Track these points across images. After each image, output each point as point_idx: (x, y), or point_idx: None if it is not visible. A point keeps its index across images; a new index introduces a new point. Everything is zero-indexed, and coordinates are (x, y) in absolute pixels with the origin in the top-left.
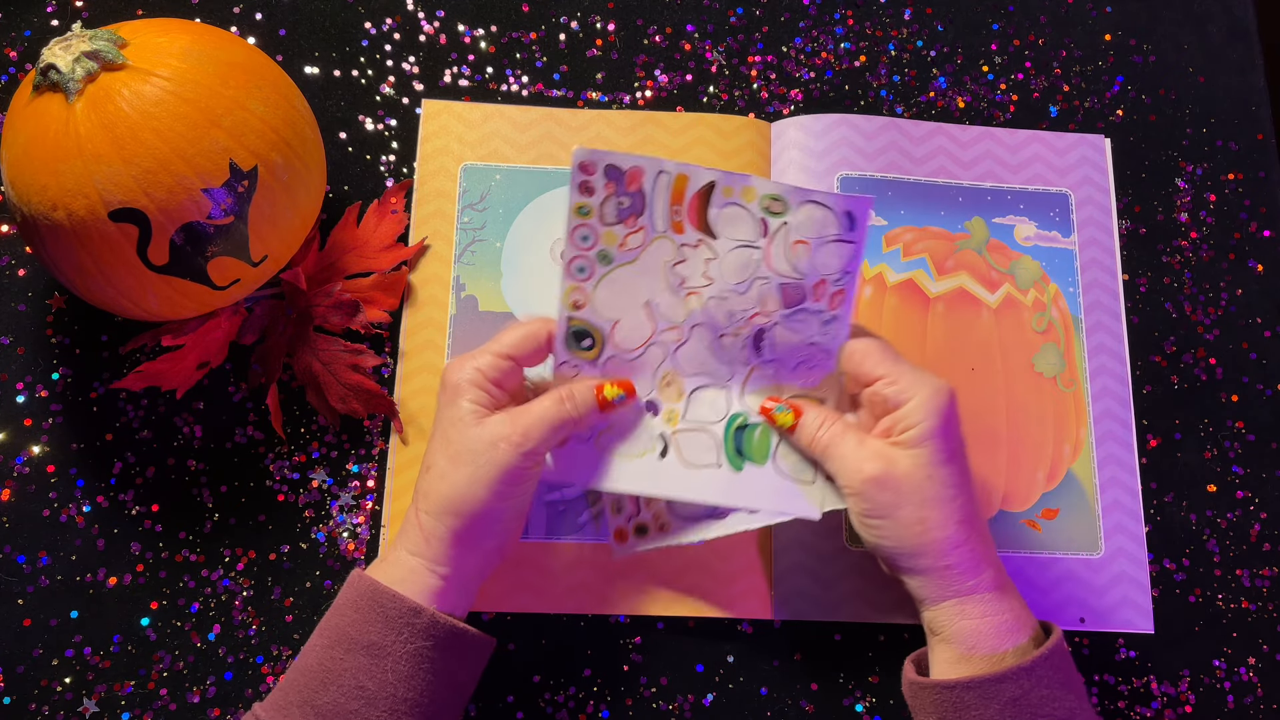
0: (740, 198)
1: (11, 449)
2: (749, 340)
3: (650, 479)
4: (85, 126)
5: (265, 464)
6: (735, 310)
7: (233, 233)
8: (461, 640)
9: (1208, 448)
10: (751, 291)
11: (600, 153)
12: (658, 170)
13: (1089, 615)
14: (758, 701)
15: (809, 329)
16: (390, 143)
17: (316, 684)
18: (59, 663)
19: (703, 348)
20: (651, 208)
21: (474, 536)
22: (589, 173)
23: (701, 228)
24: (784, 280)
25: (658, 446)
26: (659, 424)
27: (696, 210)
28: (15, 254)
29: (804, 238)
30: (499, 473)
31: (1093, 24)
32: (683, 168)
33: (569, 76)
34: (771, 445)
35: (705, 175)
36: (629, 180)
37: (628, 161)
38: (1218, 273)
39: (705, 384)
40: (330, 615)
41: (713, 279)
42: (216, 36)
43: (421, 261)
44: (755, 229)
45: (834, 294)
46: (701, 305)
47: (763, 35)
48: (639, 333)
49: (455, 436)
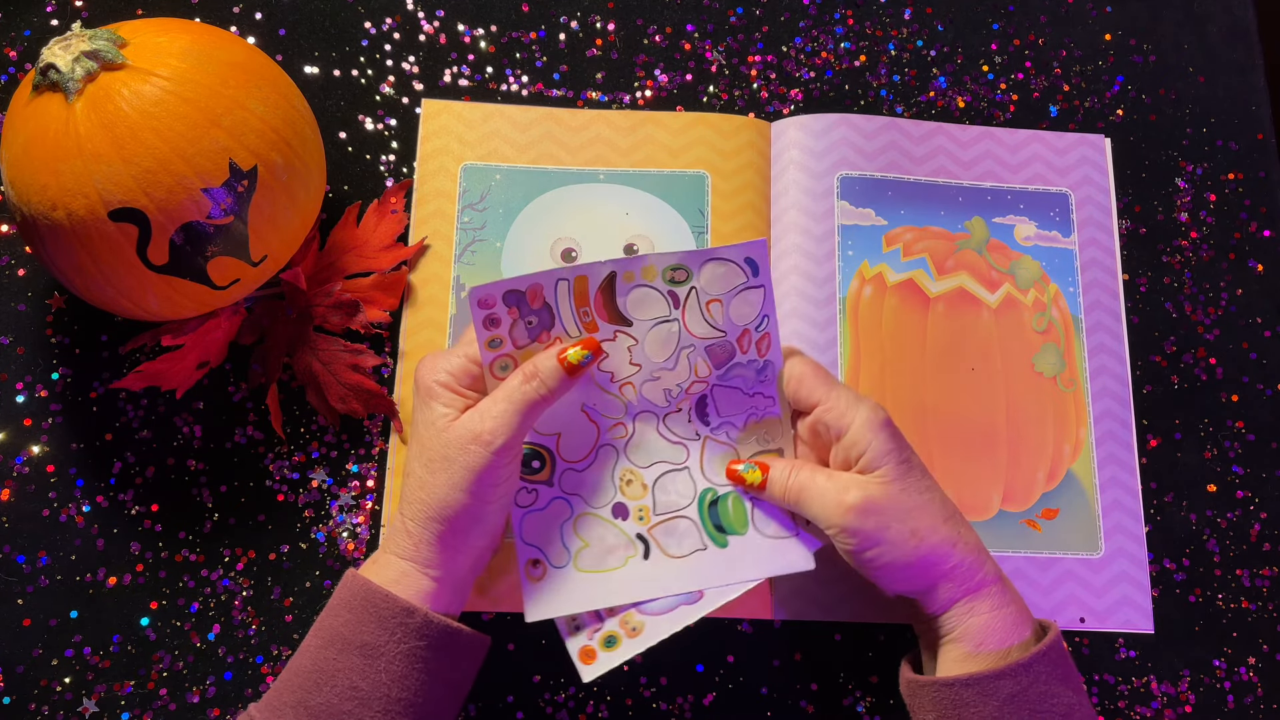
0: (643, 279)
1: (11, 449)
2: (692, 412)
3: (642, 583)
4: (85, 126)
5: (265, 464)
6: (670, 387)
7: (232, 232)
8: (455, 640)
9: (1208, 448)
10: (681, 363)
11: (494, 284)
12: (555, 280)
13: (1089, 615)
14: (758, 701)
15: (746, 381)
16: (390, 142)
17: (310, 685)
18: (59, 663)
19: (652, 435)
20: (560, 317)
21: (461, 539)
22: (489, 305)
23: (614, 320)
24: (708, 342)
25: (639, 548)
26: (632, 525)
27: (604, 305)
28: (15, 254)
29: (715, 296)
30: (474, 475)
31: (1093, 24)
32: (578, 270)
33: (569, 76)
34: (747, 511)
35: (602, 269)
36: (531, 298)
37: (524, 282)
38: (1218, 273)
39: (665, 470)
40: (324, 616)
41: (640, 364)
42: (216, 36)
43: (421, 261)
44: (666, 303)
45: (758, 340)
46: (637, 394)
47: (763, 35)
48: (584, 439)
49: (430, 441)
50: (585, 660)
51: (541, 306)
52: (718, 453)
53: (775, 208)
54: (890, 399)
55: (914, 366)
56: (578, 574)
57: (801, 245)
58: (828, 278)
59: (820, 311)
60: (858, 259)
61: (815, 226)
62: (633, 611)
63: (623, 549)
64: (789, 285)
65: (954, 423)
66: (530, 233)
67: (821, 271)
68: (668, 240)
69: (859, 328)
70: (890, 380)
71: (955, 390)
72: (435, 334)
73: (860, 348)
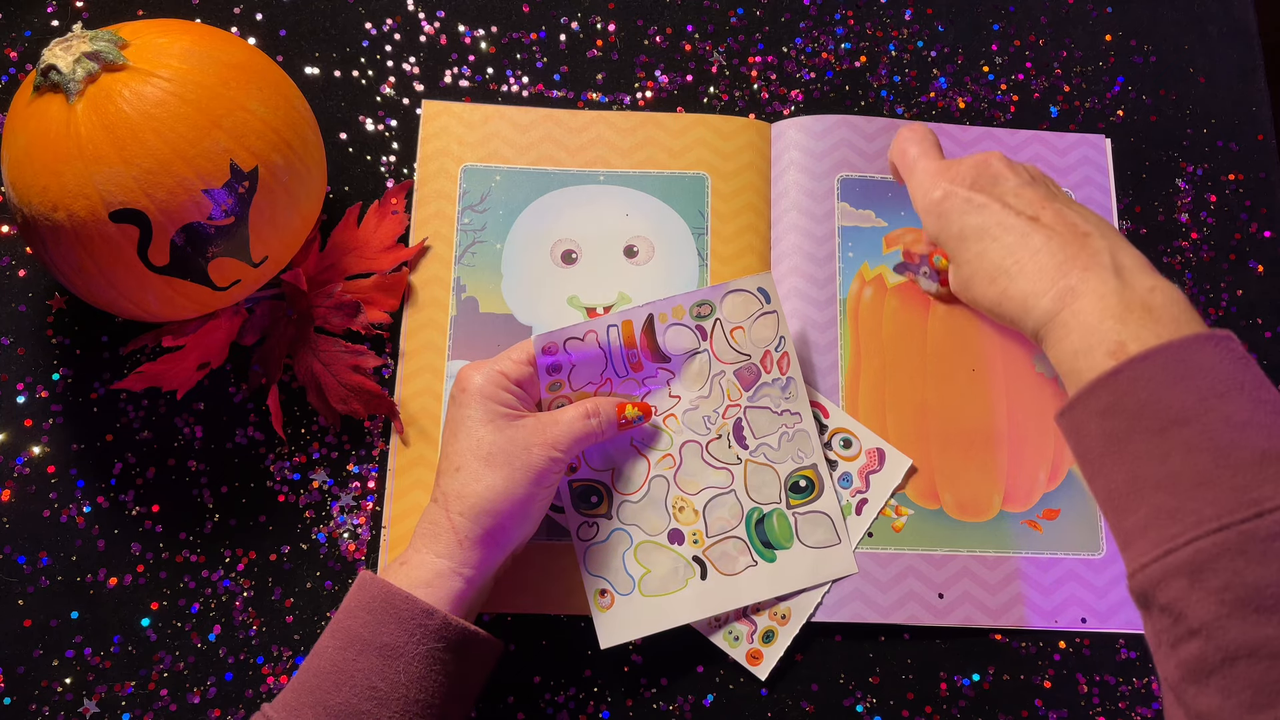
0: (674, 317)
1: (12, 449)
2: (731, 437)
3: (702, 602)
4: (86, 127)
5: (266, 465)
6: (709, 414)
7: (233, 233)
8: (473, 642)
9: None
10: (714, 390)
11: (556, 331)
12: (607, 326)
13: (1090, 616)
14: (758, 702)
15: (774, 400)
16: (390, 143)
17: (329, 685)
18: (59, 663)
19: (697, 463)
20: (611, 360)
21: (506, 536)
22: (553, 353)
23: (657, 358)
24: (736, 366)
25: (696, 570)
26: (688, 549)
27: (648, 346)
28: (16, 254)
29: (737, 323)
30: (534, 474)
31: (1093, 24)
32: (626, 313)
33: (569, 77)
34: (792, 526)
35: (642, 312)
36: (587, 343)
37: (581, 330)
38: (1218, 273)
39: (713, 495)
40: (341, 617)
41: (679, 395)
42: (217, 37)
43: (422, 262)
44: (695, 336)
45: (779, 360)
46: (680, 424)
47: (763, 35)
48: (637, 473)
49: (487, 437)
50: (754, 662)
51: (596, 352)
52: (759, 474)
53: (775, 209)
54: (890, 400)
55: (914, 368)
56: (643, 599)
57: (802, 246)
58: (828, 279)
59: (821, 313)
60: (858, 261)
61: (815, 228)
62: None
63: (682, 571)
64: (789, 286)
65: (955, 424)
66: (530, 234)
67: (822, 273)
68: (668, 241)
69: (859, 329)
70: (891, 381)
71: (956, 391)
72: (436, 335)
73: (861, 349)
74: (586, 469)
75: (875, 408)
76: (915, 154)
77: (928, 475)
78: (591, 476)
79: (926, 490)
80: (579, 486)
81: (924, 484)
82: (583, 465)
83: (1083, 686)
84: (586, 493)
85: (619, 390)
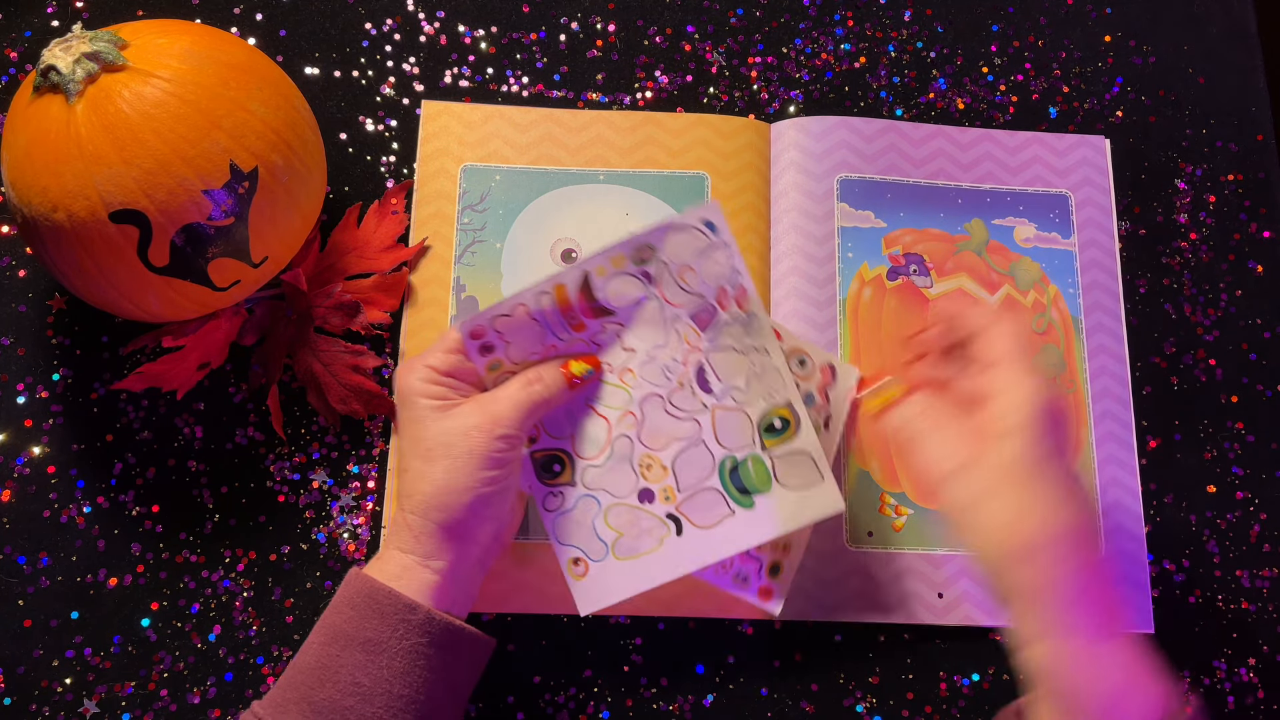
0: (615, 268)
1: (12, 450)
2: (694, 385)
3: (681, 559)
4: (86, 128)
5: (266, 465)
6: (667, 364)
7: (233, 234)
8: (459, 638)
9: (1207, 449)
10: (670, 337)
11: (482, 314)
12: (538, 293)
13: None
14: (758, 702)
15: (737, 339)
16: (390, 143)
17: (314, 681)
18: (59, 663)
19: (661, 416)
20: (548, 327)
21: (465, 528)
22: (480, 335)
23: (599, 314)
24: (690, 309)
25: (671, 527)
26: (660, 507)
27: (586, 304)
28: (16, 255)
29: (684, 263)
30: (476, 459)
31: (1093, 25)
32: (555, 277)
33: (569, 77)
34: (769, 469)
35: (575, 272)
36: (518, 318)
37: (509, 305)
38: (1217, 274)
39: (682, 448)
40: (327, 614)
41: (633, 348)
42: (217, 37)
43: (422, 262)
44: (641, 283)
45: (736, 296)
46: (637, 378)
47: (763, 36)
48: (599, 435)
49: (423, 434)
50: (765, 598)
51: (530, 322)
52: (729, 420)
53: (775, 209)
54: None
55: None
56: (617, 563)
57: (801, 247)
58: (828, 279)
59: (820, 313)
60: (857, 261)
61: (815, 228)
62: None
63: (656, 530)
64: (789, 286)
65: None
66: (530, 233)
67: (822, 273)
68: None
69: (859, 329)
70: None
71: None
72: (436, 335)
73: (860, 349)
74: (546, 438)
75: None
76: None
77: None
78: (552, 445)
79: (926, 490)
80: (541, 456)
81: (924, 484)
82: (542, 434)
83: None
84: (549, 462)
85: (568, 354)
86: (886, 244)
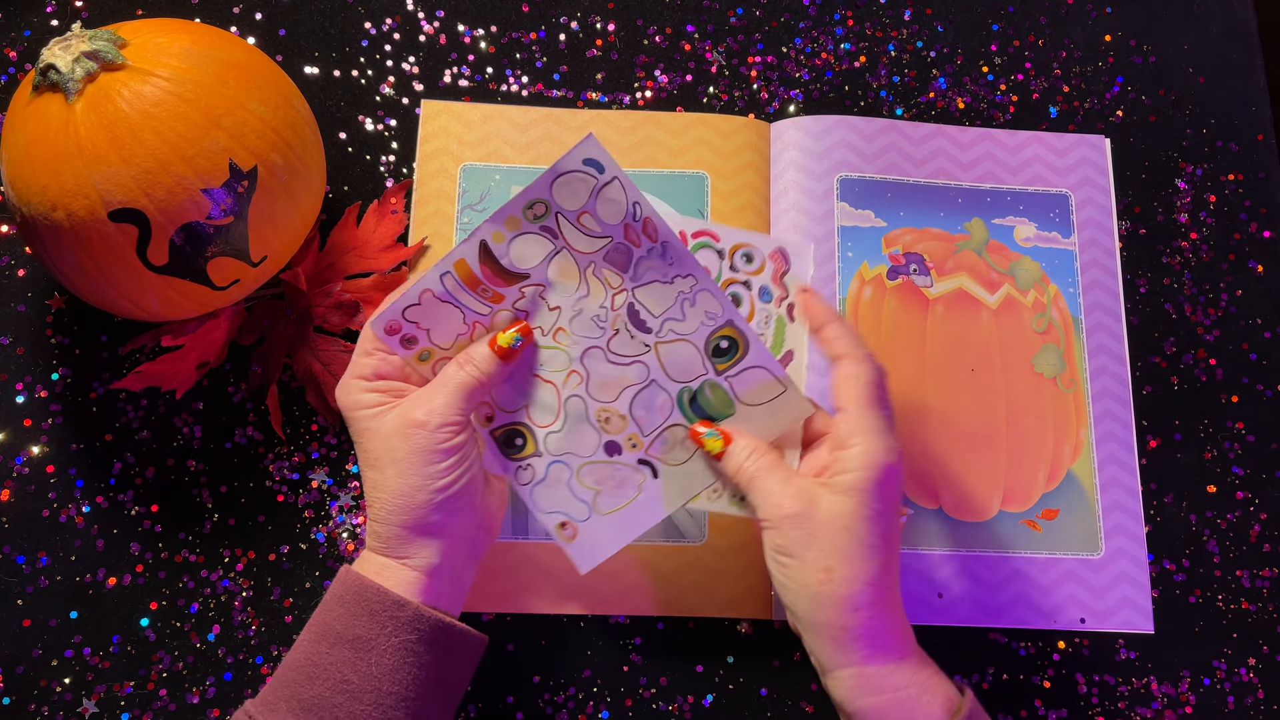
0: (512, 230)
1: (11, 449)
2: (629, 325)
3: (661, 500)
4: (85, 127)
5: (265, 464)
6: (596, 312)
7: (232, 233)
8: (449, 635)
9: (1208, 448)
10: (592, 285)
11: (389, 308)
12: (440, 275)
13: (1089, 615)
14: (758, 701)
15: (660, 271)
16: (390, 143)
17: (303, 678)
18: (58, 663)
19: (605, 366)
20: (463, 305)
21: (432, 524)
22: (396, 330)
23: (510, 280)
24: (602, 251)
25: (646, 472)
26: (630, 456)
27: (493, 273)
28: (15, 254)
29: (579, 209)
30: (422, 456)
31: (1093, 24)
32: (453, 255)
33: (569, 77)
34: (728, 391)
35: (470, 244)
36: (427, 304)
37: (414, 294)
38: (1218, 273)
39: (635, 393)
40: (318, 612)
41: (558, 305)
42: (216, 36)
43: (421, 262)
44: (543, 238)
45: (643, 229)
46: (571, 335)
47: (763, 35)
48: (549, 400)
49: (367, 444)
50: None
51: (441, 305)
52: (674, 352)
53: (775, 209)
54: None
55: (914, 368)
56: (603, 518)
57: None
58: (828, 279)
59: None
60: (857, 260)
61: (815, 228)
62: None
63: (632, 478)
64: None
65: (954, 424)
66: None
67: (821, 273)
68: None
69: (859, 329)
70: (890, 381)
71: (955, 391)
72: None
73: None
74: (500, 414)
75: None
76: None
77: (927, 475)
78: (507, 420)
79: (926, 490)
80: (500, 433)
81: (923, 484)
82: (496, 412)
83: (1082, 686)
84: (510, 436)
85: (496, 329)
86: (886, 243)
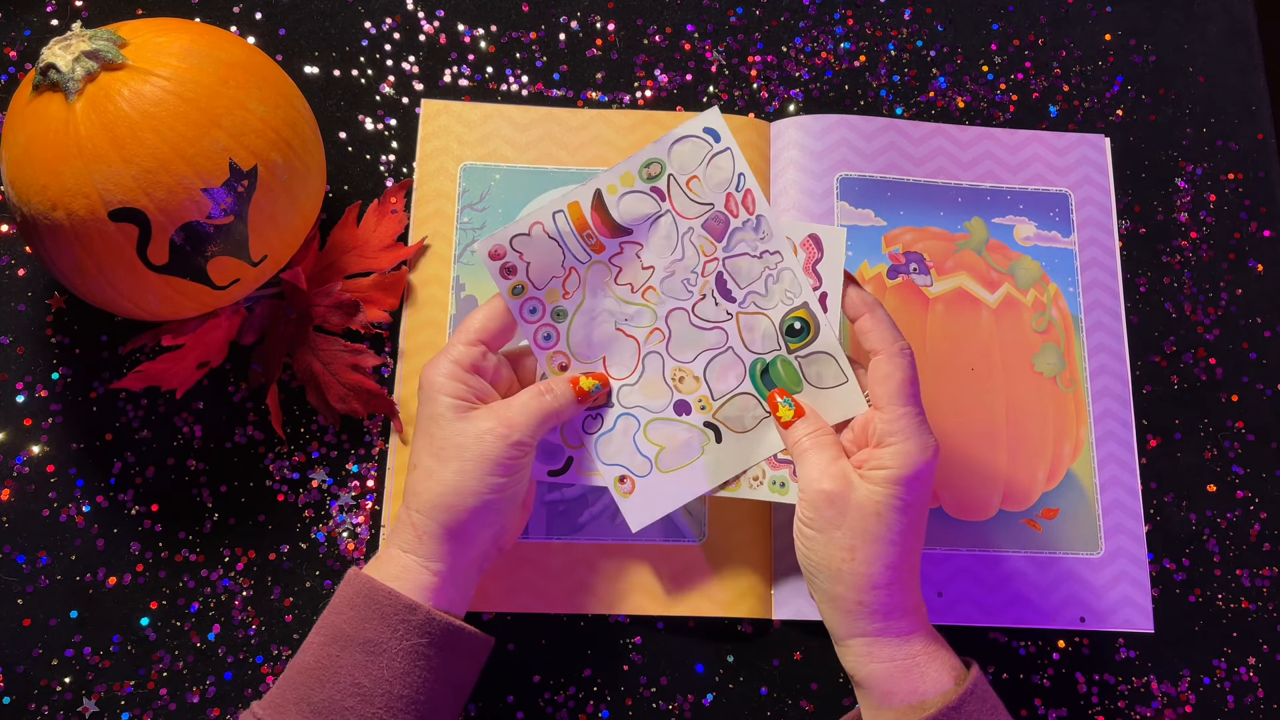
0: (625, 186)
1: (11, 449)
2: (716, 294)
3: (723, 465)
4: (85, 126)
5: (265, 464)
6: (687, 276)
7: (233, 232)
8: (458, 638)
9: (1208, 448)
10: (687, 250)
11: (499, 232)
12: (552, 214)
13: (1089, 615)
14: (758, 701)
15: (750, 244)
16: (390, 142)
17: (313, 681)
18: (59, 662)
19: (687, 328)
20: (566, 247)
21: (467, 531)
22: (500, 256)
23: (615, 233)
24: (702, 219)
25: (710, 435)
26: (698, 416)
27: (602, 222)
28: (15, 254)
29: (690, 173)
30: (487, 464)
31: (1093, 24)
32: (566, 195)
33: (569, 76)
34: (798, 370)
35: (586, 189)
36: (535, 237)
37: (525, 224)
38: (1218, 273)
39: (711, 356)
40: (327, 614)
41: (653, 264)
42: (216, 36)
43: (421, 261)
44: (653, 199)
45: (743, 200)
46: (660, 294)
47: (763, 35)
48: (628, 354)
49: (438, 433)
50: (782, 491)
51: (547, 241)
52: (753, 324)
53: (775, 208)
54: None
55: None
56: (662, 475)
57: None
58: None
59: None
60: (857, 260)
61: None
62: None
63: (696, 440)
64: None
65: (954, 423)
66: None
67: None
68: None
69: None
70: None
71: (955, 390)
72: (435, 334)
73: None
74: (576, 364)
75: None
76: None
77: None
78: (584, 370)
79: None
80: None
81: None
82: (571, 361)
83: (1082, 685)
84: None
85: (589, 278)
86: (886, 242)
